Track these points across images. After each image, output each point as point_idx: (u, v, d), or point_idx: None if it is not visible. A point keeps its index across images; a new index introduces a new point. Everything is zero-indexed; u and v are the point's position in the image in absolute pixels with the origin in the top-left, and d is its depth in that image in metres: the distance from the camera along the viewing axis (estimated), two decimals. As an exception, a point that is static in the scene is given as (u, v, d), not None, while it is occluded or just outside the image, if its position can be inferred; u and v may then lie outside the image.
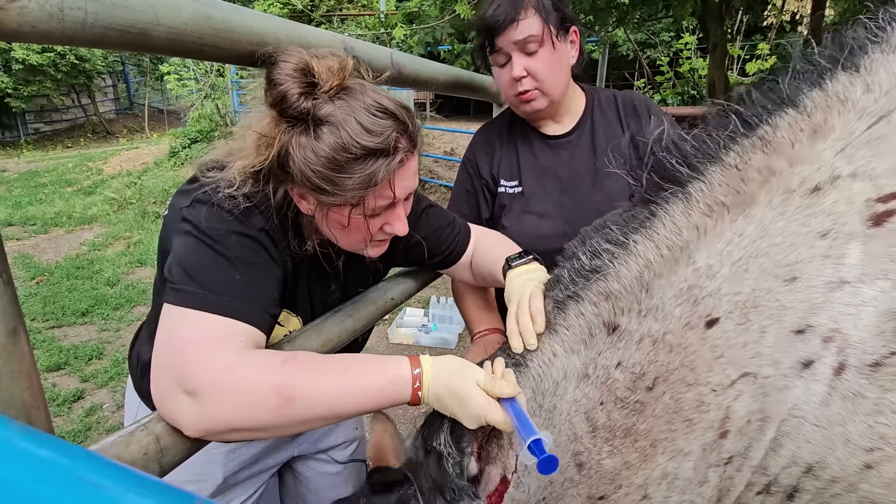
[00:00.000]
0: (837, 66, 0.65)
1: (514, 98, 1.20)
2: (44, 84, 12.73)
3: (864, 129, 0.62)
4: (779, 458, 0.65)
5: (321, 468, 1.19)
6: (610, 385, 0.70)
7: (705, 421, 0.67)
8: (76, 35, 0.57)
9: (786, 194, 0.64)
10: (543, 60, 1.13)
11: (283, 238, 0.81)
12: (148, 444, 0.65)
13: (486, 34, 1.14)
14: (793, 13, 9.99)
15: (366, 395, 0.70)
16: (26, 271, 5.10)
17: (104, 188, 8.31)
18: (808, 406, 0.62)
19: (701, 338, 0.66)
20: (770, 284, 0.63)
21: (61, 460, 0.23)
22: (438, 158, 8.20)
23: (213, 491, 0.97)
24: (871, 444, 0.60)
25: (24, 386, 0.56)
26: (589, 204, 1.19)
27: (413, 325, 3.84)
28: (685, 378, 0.67)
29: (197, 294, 0.68)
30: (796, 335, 0.62)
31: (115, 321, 4.06)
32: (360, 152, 0.71)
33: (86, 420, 2.87)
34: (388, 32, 8.20)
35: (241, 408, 0.65)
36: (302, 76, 0.72)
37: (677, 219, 0.69)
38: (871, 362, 0.59)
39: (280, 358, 0.69)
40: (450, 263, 1.13)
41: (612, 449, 0.71)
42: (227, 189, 0.74)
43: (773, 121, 0.66)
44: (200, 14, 0.70)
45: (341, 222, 0.78)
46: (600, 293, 0.73)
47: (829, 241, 0.61)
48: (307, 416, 0.68)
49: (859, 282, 0.60)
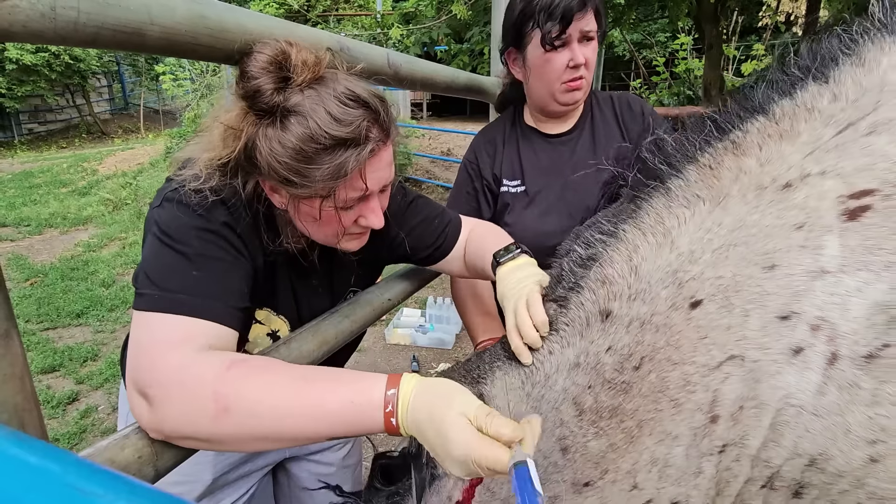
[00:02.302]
0: (808, 76, 0.71)
1: (562, 85, 1.20)
2: (38, 84, 12.66)
3: (832, 136, 0.66)
4: (780, 449, 0.65)
5: (314, 469, 1.18)
6: (599, 369, 0.72)
7: (692, 402, 0.68)
8: (69, 34, 0.57)
9: (758, 190, 0.69)
10: (594, 51, 1.20)
11: (255, 233, 0.78)
12: (143, 448, 0.64)
13: (562, 17, 1.13)
14: (787, 14, 10.04)
15: (322, 417, 0.59)
16: (20, 272, 5.07)
17: (99, 189, 8.27)
18: (804, 395, 0.63)
19: (685, 318, 0.68)
20: (750, 271, 0.66)
21: (51, 466, 0.23)
22: (435, 159, 8.20)
23: (201, 492, 0.97)
24: (873, 436, 0.60)
25: (16, 389, 0.56)
26: (591, 199, 1.21)
27: (410, 326, 3.83)
28: (670, 357, 0.69)
29: (154, 296, 0.66)
30: (781, 321, 0.64)
31: (111, 323, 4.04)
32: (328, 142, 0.68)
33: (80, 422, 2.85)
34: (384, 32, 8.20)
35: (184, 413, 0.60)
36: (277, 70, 0.70)
37: (660, 210, 0.75)
38: (864, 354, 0.60)
39: (229, 361, 0.62)
40: (441, 256, 1.08)
41: (597, 430, 0.71)
42: (193, 183, 0.72)
43: (744, 126, 0.73)
44: (195, 13, 0.70)
45: (312, 215, 0.76)
46: (598, 279, 0.75)
47: (804, 232, 0.64)
48: (248, 430, 0.60)
49: (840, 272, 0.62)
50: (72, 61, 12.72)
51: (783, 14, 9.97)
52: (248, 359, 0.64)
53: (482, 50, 6.96)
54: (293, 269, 0.90)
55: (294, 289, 0.91)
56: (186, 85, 9.17)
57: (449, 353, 3.60)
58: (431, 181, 7.52)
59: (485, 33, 7.37)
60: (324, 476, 1.19)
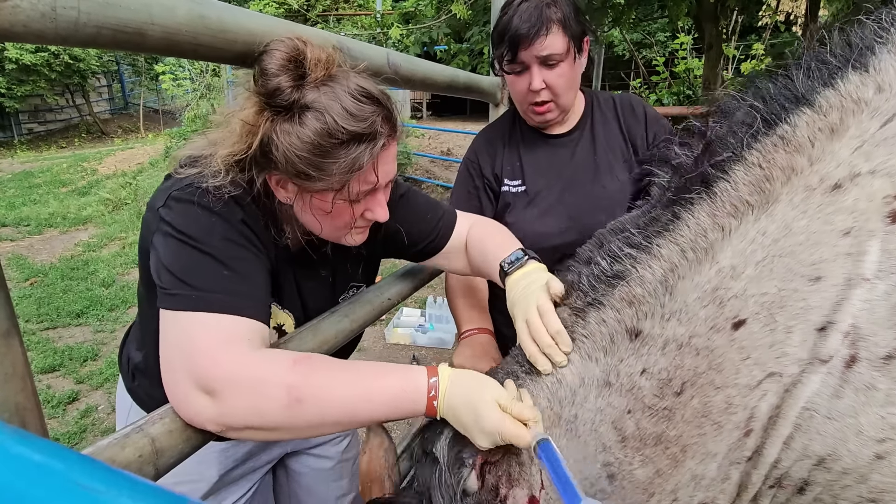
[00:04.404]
0: (847, 65, 0.65)
1: (528, 107, 1.21)
2: (38, 84, 12.66)
3: (878, 128, 0.62)
4: (790, 452, 0.65)
5: (314, 464, 1.19)
6: (636, 393, 0.69)
7: (732, 422, 0.66)
8: (69, 35, 0.57)
9: (806, 192, 0.64)
10: (563, 75, 1.14)
11: (265, 229, 0.80)
12: (144, 447, 0.64)
13: (509, 44, 1.12)
14: (787, 13, 10.04)
15: (379, 402, 0.69)
16: (20, 272, 5.07)
17: (99, 189, 8.27)
18: (820, 398, 0.62)
19: (728, 340, 0.65)
20: (796, 284, 0.63)
21: (54, 464, 0.23)
22: (435, 158, 8.20)
23: (207, 490, 0.97)
24: (883, 434, 0.60)
25: (17, 388, 0.56)
26: (590, 200, 1.21)
27: (410, 326, 3.84)
28: (713, 381, 0.66)
29: (191, 296, 0.68)
30: (819, 332, 0.62)
31: (111, 322, 4.04)
32: (345, 137, 0.71)
33: (81, 422, 2.85)
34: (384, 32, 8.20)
35: (255, 406, 0.65)
36: (294, 67, 0.72)
37: (702, 220, 0.68)
38: (883, 355, 0.59)
39: (292, 358, 0.68)
40: (435, 250, 1.07)
41: (643, 458, 0.70)
42: (212, 180, 0.73)
43: (791, 120, 0.66)
44: (195, 14, 0.70)
45: (324, 208, 0.77)
46: (623, 299, 0.71)
47: (851, 238, 0.61)
48: (318, 418, 0.67)
49: (876, 278, 0.60)
50: (71, 61, 12.72)
51: (783, 14, 9.97)
52: (307, 354, 0.71)
53: (482, 49, 6.97)
54: (297, 263, 0.91)
55: (298, 283, 0.92)
56: (186, 85, 9.17)
57: (449, 353, 3.60)
58: (431, 181, 7.52)
59: (484, 33, 7.37)
60: (324, 469, 1.19)
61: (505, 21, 1.12)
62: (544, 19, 1.08)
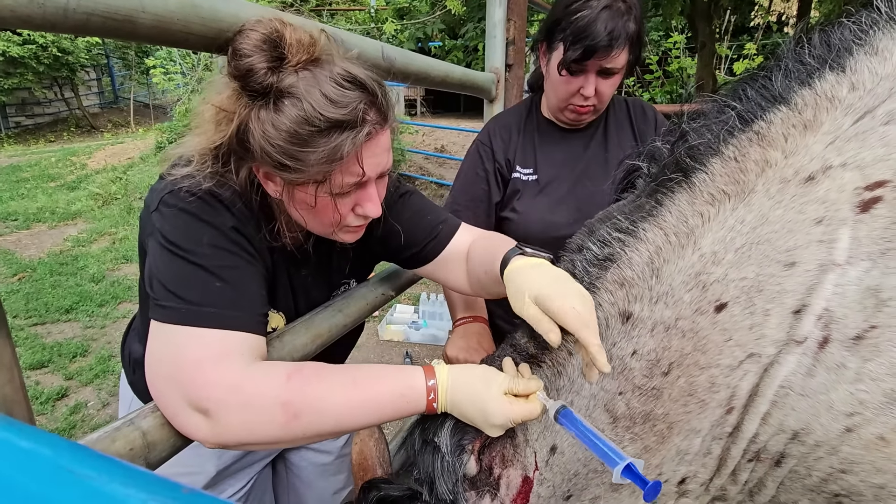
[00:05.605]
0: (825, 66, 0.70)
1: (567, 107, 1.23)
2: (25, 77, 12.42)
3: (851, 124, 0.66)
4: (767, 427, 0.69)
5: (313, 458, 1.19)
6: (627, 374, 0.72)
7: (715, 400, 0.70)
8: (58, 21, 0.56)
9: (782, 184, 0.68)
10: (613, 85, 1.19)
11: (257, 230, 0.77)
12: (134, 440, 0.63)
13: (583, 51, 1.09)
14: (779, 14, 10.12)
15: (377, 408, 0.68)
16: (8, 267, 5.00)
17: (88, 183, 8.16)
18: (795, 377, 0.66)
19: (711, 322, 0.69)
20: (772, 269, 0.67)
21: (43, 450, 0.23)
22: (429, 155, 8.18)
23: (205, 483, 0.96)
24: (852, 409, 0.63)
25: (4, 380, 0.55)
26: (600, 194, 1.23)
27: (403, 322, 3.83)
28: (698, 362, 0.69)
29: (181, 309, 0.65)
30: (794, 315, 0.66)
31: (101, 318, 4.00)
32: (323, 125, 0.66)
33: (70, 418, 2.82)
34: (378, 27, 8.15)
35: (252, 425, 0.64)
36: (271, 48, 0.67)
37: (683, 207, 0.72)
38: (853, 336, 0.63)
39: (286, 372, 0.66)
40: (431, 256, 0.98)
41: (633, 436, 0.73)
42: (186, 182, 0.70)
43: (767, 117, 0.71)
44: (187, 1, 0.69)
45: (307, 202, 0.73)
46: (615, 281, 0.74)
47: (823, 227, 0.65)
48: (316, 430, 0.67)
49: (847, 264, 0.64)
50: (60, 54, 12.48)
51: (775, 14, 10.05)
52: (300, 366, 0.69)
53: (476, 46, 6.95)
54: (290, 262, 0.88)
55: (291, 283, 0.90)
56: (177, 79, 9.05)
57: (442, 349, 3.60)
58: (425, 177, 7.50)
59: (479, 29, 7.35)
60: (323, 463, 1.19)
61: (583, 25, 1.09)
62: (622, 33, 1.08)
